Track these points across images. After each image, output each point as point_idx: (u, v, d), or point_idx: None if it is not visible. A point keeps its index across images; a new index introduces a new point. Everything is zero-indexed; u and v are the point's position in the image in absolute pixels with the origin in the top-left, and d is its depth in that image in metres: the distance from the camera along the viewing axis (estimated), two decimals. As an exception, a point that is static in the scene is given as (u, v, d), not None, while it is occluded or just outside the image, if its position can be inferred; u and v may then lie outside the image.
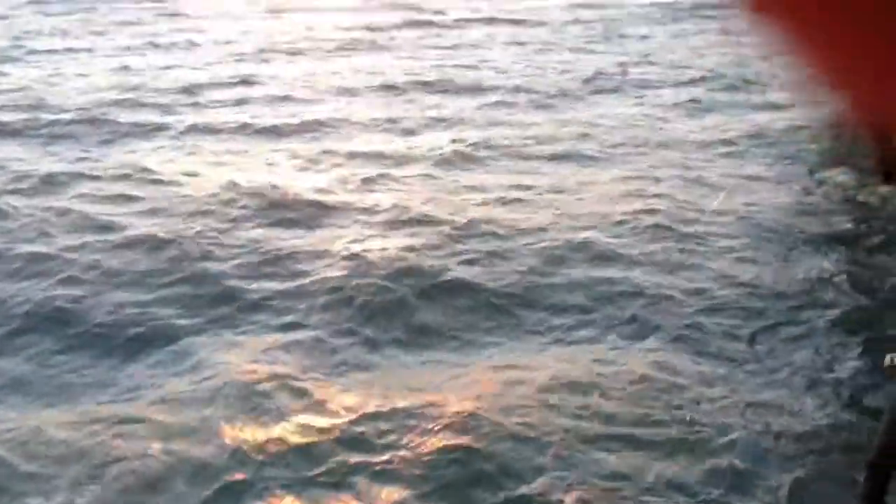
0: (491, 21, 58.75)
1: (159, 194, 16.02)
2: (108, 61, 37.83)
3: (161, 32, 53.54)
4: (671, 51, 40.03)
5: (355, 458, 7.75)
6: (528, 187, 15.97)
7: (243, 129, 22.30)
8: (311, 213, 14.78)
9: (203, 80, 31.03)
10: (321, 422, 8.37)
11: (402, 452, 7.84)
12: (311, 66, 35.53)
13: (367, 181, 16.77)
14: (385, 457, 7.79)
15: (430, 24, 56.35)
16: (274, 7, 72.58)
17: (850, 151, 18.26)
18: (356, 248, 12.80)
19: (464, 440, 7.95)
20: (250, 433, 8.17)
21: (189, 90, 28.94)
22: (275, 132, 21.80)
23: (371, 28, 53.63)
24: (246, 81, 30.94)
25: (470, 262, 12.22)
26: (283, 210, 14.93)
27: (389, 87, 28.82)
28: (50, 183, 16.77)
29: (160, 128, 22.51)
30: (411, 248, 12.61)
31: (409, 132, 21.38)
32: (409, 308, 10.81)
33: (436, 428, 8.12)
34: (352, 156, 18.89)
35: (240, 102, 26.43)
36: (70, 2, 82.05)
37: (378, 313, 10.68)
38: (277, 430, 8.26)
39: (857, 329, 9.87)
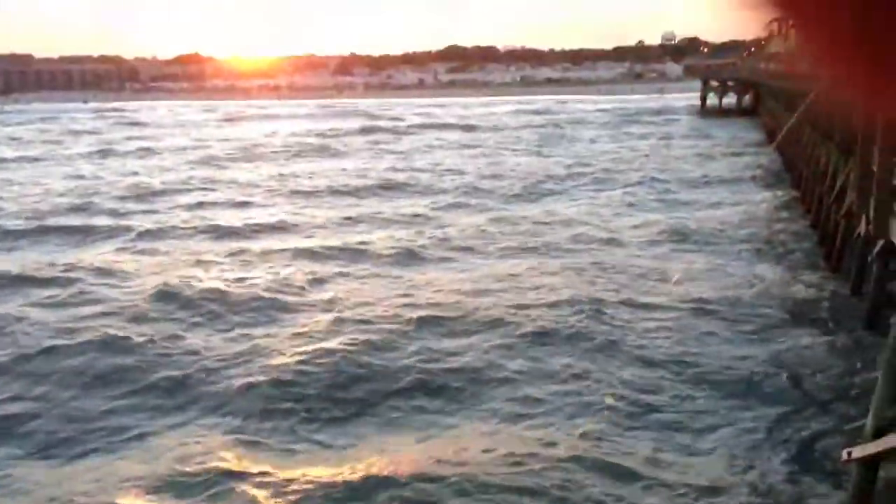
0: (445, 127, 60.81)
1: (112, 297, 15.92)
2: (63, 169, 38.04)
3: (118, 140, 54.23)
4: (616, 153, 41.87)
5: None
6: (480, 283, 16.27)
7: (199, 231, 22.39)
8: (266, 312, 14.78)
9: (157, 186, 31.32)
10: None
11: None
12: (267, 170, 36.14)
13: (320, 280, 16.91)
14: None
15: (385, 130, 58.07)
16: (232, 115, 74.23)
17: (787, 246, 19.07)
18: (308, 345, 12.78)
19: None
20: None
21: (145, 195, 29.18)
22: (230, 234, 21.97)
23: (327, 134, 55.07)
24: (202, 186, 31.36)
25: (418, 353, 12.33)
26: (237, 309, 14.93)
27: (344, 190, 29.62)
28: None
29: (113, 232, 22.51)
30: (363, 344, 12.65)
31: (364, 232, 21.69)
32: (358, 402, 10.81)
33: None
34: (306, 255, 19.08)
35: (195, 206, 26.65)
36: (28, 112, 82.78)
37: (328, 409, 10.67)
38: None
39: (795, 426, 10.04)
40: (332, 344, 12.71)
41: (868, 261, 12.64)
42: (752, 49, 79.26)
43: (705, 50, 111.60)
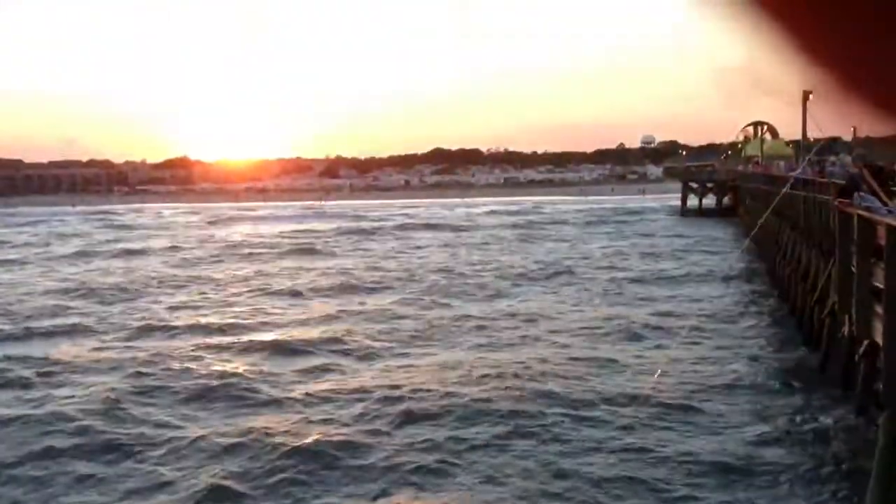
0: (428, 227, 61.48)
1: (85, 391, 15.87)
2: (47, 271, 37.97)
3: (103, 242, 54.24)
4: (596, 251, 42.05)
5: None
6: (454, 378, 16.44)
7: (179, 330, 22.32)
8: (240, 408, 14.84)
9: (141, 287, 31.22)
10: None
11: None
12: (251, 270, 36.16)
13: (303, 372, 17.12)
14: None
15: (368, 230, 58.63)
16: (218, 217, 74.78)
17: (770, 345, 19.14)
18: (281, 441, 12.71)
19: None
20: None
21: (127, 295, 29.05)
22: (211, 331, 21.94)
23: (311, 235, 55.47)
24: (185, 286, 31.35)
25: (387, 450, 12.36)
26: (212, 406, 14.99)
27: (326, 289, 29.60)
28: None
29: (91, 331, 22.41)
30: (333, 442, 12.65)
31: (343, 329, 21.81)
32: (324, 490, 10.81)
33: None
34: (283, 352, 19.25)
35: (178, 306, 26.50)
36: (17, 216, 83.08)
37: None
38: None
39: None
40: (306, 440, 12.70)
41: (855, 360, 12.60)
42: (729, 152, 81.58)
43: (684, 153, 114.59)
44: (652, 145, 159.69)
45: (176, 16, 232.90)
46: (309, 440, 12.73)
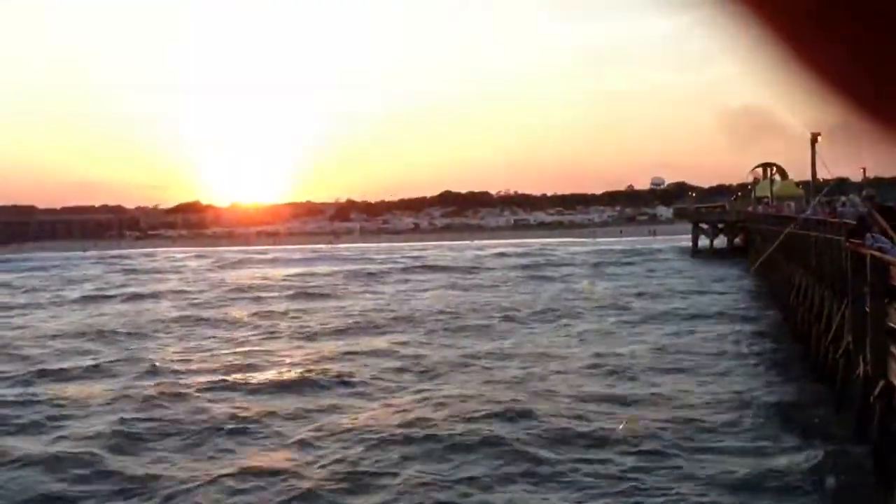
0: (436, 269, 61.47)
1: (92, 433, 15.98)
2: (57, 315, 38.10)
3: (113, 286, 54.43)
4: (603, 292, 41.77)
5: None
6: (460, 408, 16.62)
7: (185, 370, 22.37)
8: (247, 445, 15.02)
9: (149, 329, 31.31)
10: None
11: None
12: (260, 311, 36.24)
13: (308, 412, 17.22)
14: None
15: (377, 273, 58.63)
16: (228, 260, 75.07)
17: (786, 387, 18.92)
18: (285, 483, 12.64)
19: None
20: None
21: (137, 337, 29.15)
22: (217, 371, 22.00)
23: (320, 278, 55.60)
24: (194, 328, 31.46)
25: (383, 473, 12.60)
26: (219, 442, 15.19)
27: (335, 329, 29.67)
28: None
29: (100, 373, 22.41)
30: (340, 480, 12.71)
31: (351, 366, 22.05)
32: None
33: None
34: (290, 389, 19.45)
35: (189, 349, 26.58)
36: (31, 261, 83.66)
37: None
38: None
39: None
40: (311, 481, 12.71)
41: (870, 401, 12.42)
42: (739, 193, 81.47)
43: (693, 194, 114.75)
44: (662, 187, 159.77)
45: (178, 48, 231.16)
46: (313, 481, 12.71)
